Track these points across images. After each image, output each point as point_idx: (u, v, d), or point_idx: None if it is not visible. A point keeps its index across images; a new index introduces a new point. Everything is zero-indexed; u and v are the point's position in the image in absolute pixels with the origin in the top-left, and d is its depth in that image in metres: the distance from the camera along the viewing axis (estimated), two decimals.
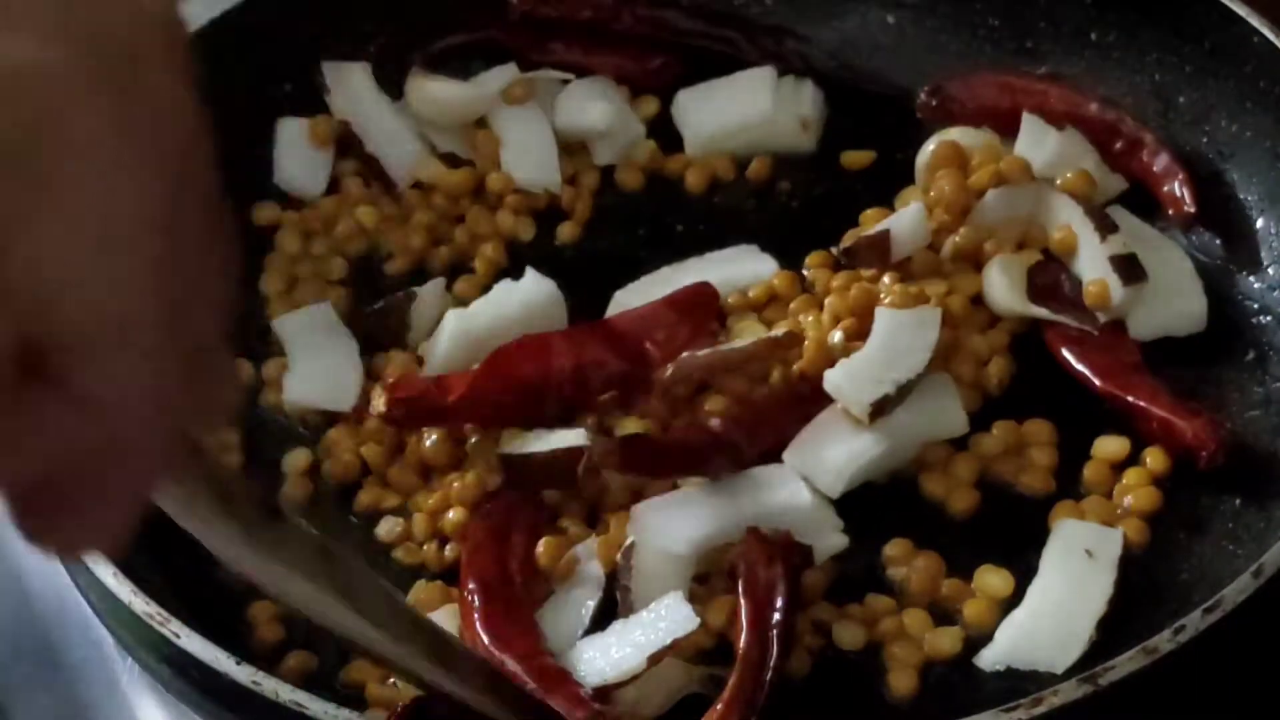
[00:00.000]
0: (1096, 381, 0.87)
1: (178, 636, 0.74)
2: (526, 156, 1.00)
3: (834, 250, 0.92)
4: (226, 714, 0.75)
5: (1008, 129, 0.96)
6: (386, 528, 0.85)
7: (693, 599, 0.78)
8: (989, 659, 0.79)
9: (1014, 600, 0.81)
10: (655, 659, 0.75)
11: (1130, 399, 0.86)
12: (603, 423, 0.86)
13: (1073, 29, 0.99)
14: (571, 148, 1.01)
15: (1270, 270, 0.92)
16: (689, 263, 0.94)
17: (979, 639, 0.80)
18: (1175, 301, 0.91)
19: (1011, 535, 0.84)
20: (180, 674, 0.76)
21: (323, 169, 1.01)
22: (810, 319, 0.89)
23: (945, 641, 0.79)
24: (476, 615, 0.79)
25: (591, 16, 1.04)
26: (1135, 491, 0.84)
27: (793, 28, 1.04)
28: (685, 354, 0.87)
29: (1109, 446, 0.86)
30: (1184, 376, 0.89)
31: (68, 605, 0.85)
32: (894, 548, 0.82)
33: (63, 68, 0.45)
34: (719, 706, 0.74)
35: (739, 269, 0.94)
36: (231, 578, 0.81)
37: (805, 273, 0.93)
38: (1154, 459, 0.85)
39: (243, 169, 1.00)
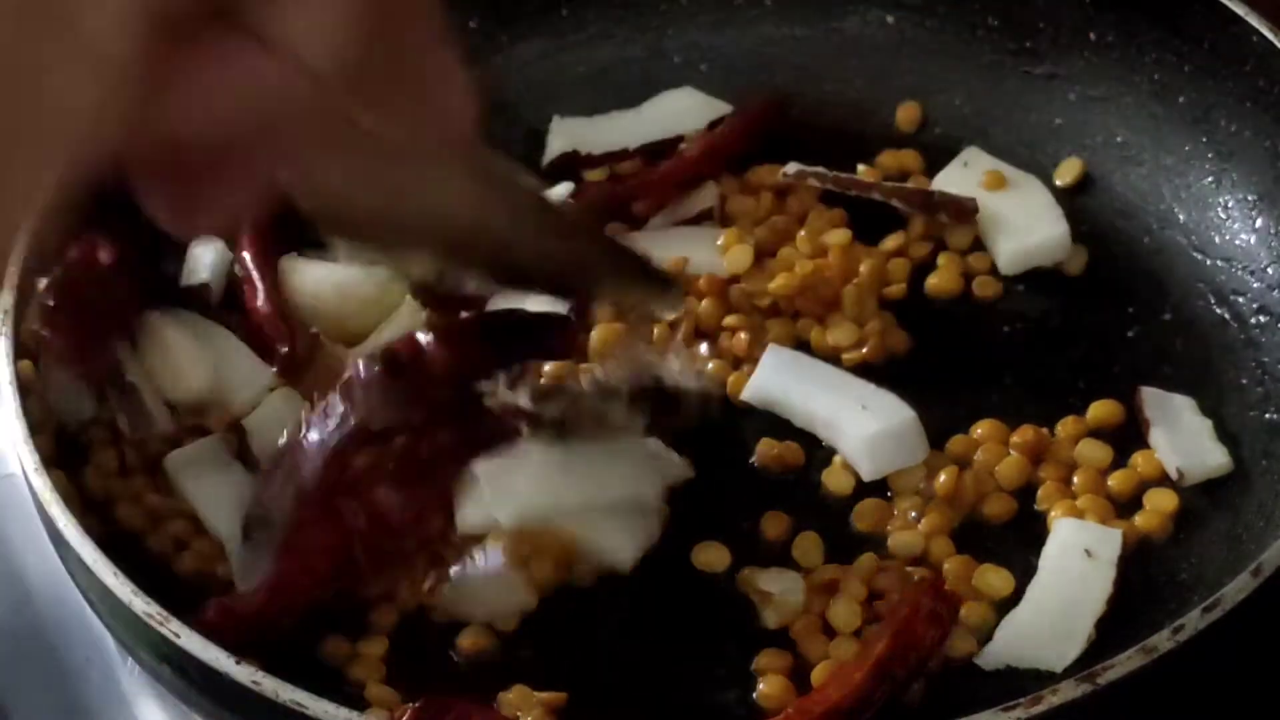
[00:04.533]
0: None
1: (178, 636, 0.74)
2: None
3: None
4: (226, 714, 0.75)
5: None
6: None
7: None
8: (988, 659, 0.79)
9: (1014, 600, 0.81)
10: None
11: None
12: None
13: (1072, 29, 0.99)
14: None
15: (1270, 270, 0.92)
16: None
17: (979, 639, 0.80)
18: (1037, 232, 0.94)
19: (1011, 535, 0.84)
20: (180, 674, 0.76)
21: None
22: None
23: (962, 643, 0.79)
24: None
25: None
26: (1151, 493, 0.84)
27: (792, 29, 1.04)
28: None
29: (1096, 452, 0.86)
30: (1182, 376, 0.89)
31: (68, 605, 0.85)
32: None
33: None
34: None
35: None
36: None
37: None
38: (1145, 461, 0.86)
39: None
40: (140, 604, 0.75)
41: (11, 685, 0.86)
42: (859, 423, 0.86)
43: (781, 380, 0.88)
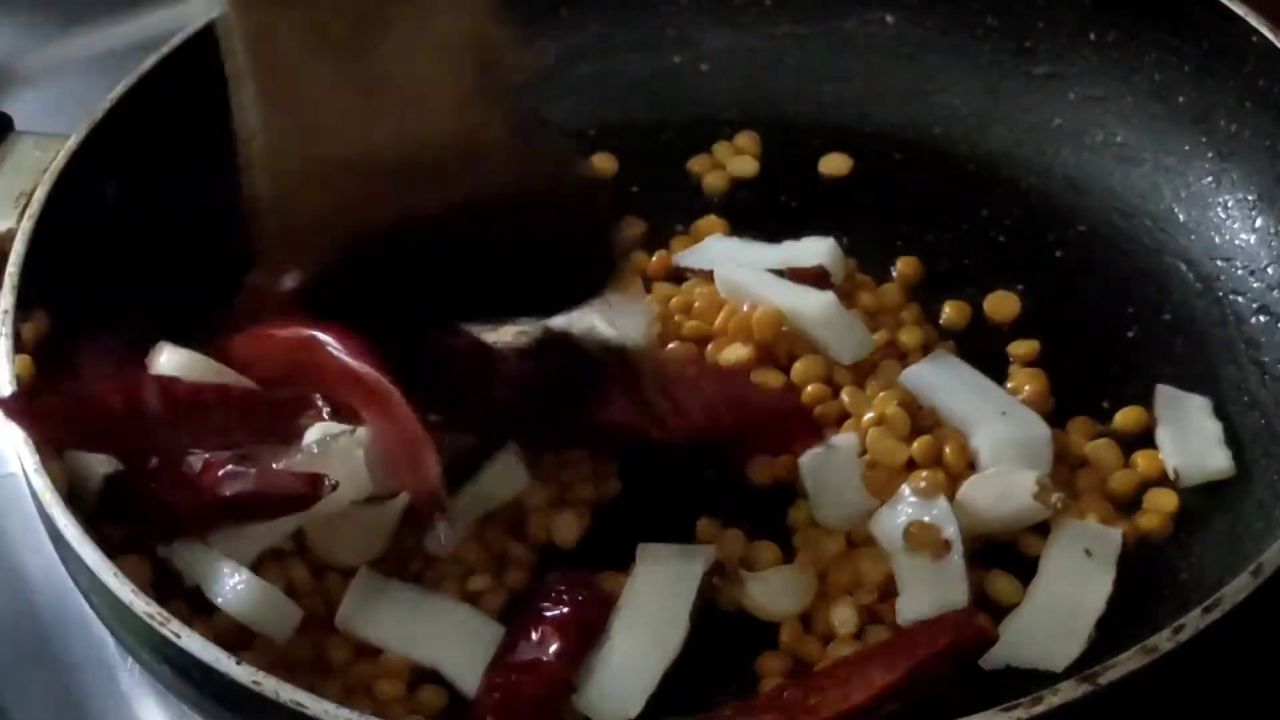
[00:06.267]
0: None
1: (178, 636, 0.74)
2: None
3: None
4: (226, 714, 0.75)
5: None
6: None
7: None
8: (989, 659, 0.79)
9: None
10: None
11: None
12: None
13: (1072, 29, 0.99)
14: None
15: (1270, 270, 0.92)
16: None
17: None
18: None
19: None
20: (180, 674, 0.76)
21: None
22: None
23: None
24: None
25: None
26: (1151, 493, 0.85)
27: (792, 28, 1.05)
28: None
29: (1109, 454, 0.86)
30: (1183, 376, 0.89)
31: (68, 605, 0.85)
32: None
33: None
34: None
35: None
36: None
37: None
38: (1145, 461, 0.86)
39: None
40: (140, 604, 0.75)
41: (11, 685, 0.86)
42: (995, 424, 0.86)
43: (937, 376, 0.89)
